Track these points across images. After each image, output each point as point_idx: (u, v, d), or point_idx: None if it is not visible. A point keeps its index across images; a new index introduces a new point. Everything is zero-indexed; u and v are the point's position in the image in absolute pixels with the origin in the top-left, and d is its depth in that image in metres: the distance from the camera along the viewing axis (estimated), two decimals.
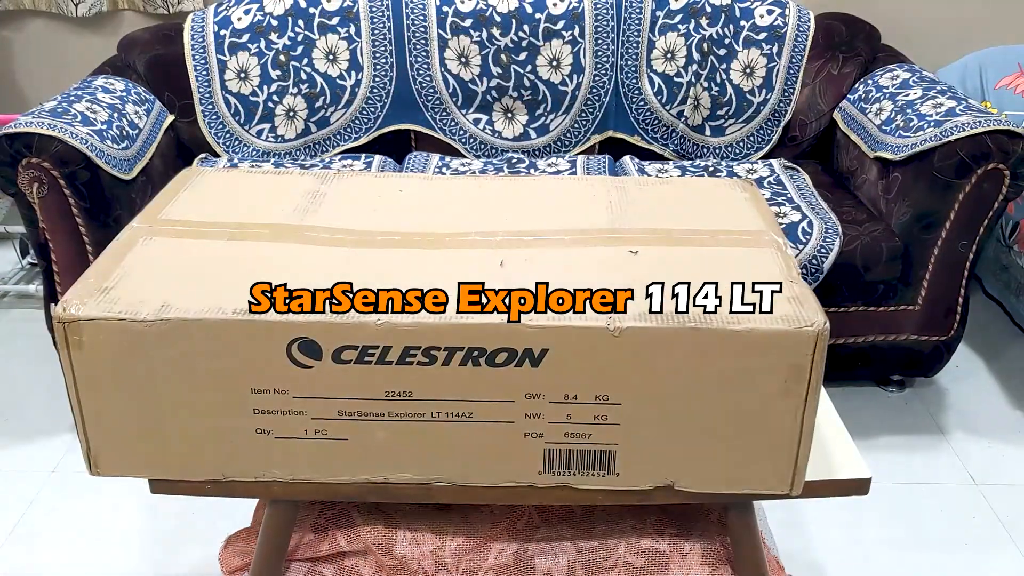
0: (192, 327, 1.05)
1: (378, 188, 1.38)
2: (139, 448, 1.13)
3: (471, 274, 1.14)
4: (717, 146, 2.43)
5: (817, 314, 1.05)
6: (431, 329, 1.04)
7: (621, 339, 1.04)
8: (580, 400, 1.08)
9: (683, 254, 1.21)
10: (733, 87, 2.38)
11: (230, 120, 2.34)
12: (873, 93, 2.26)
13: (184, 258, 1.17)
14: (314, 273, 1.13)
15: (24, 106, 2.65)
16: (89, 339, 1.05)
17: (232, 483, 1.16)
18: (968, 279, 2.05)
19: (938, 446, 2.07)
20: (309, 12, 2.31)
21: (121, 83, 2.19)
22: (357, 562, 1.34)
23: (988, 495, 1.92)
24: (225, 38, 2.31)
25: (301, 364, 1.06)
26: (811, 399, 1.07)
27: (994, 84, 2.44)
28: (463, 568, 1.32)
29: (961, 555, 1.77)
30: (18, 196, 1.88)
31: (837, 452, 1.25)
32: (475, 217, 1.29)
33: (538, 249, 1.21)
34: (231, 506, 1.69)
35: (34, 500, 1.87)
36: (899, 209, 2.05)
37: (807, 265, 1.96)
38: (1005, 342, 2.46)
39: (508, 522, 1.35)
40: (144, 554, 1.75)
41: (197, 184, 1.39)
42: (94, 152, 1.88)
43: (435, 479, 1.15)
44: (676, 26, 2.35)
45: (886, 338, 2.10)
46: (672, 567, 1.32)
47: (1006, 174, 1.92)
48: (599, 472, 1.13)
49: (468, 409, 1.09)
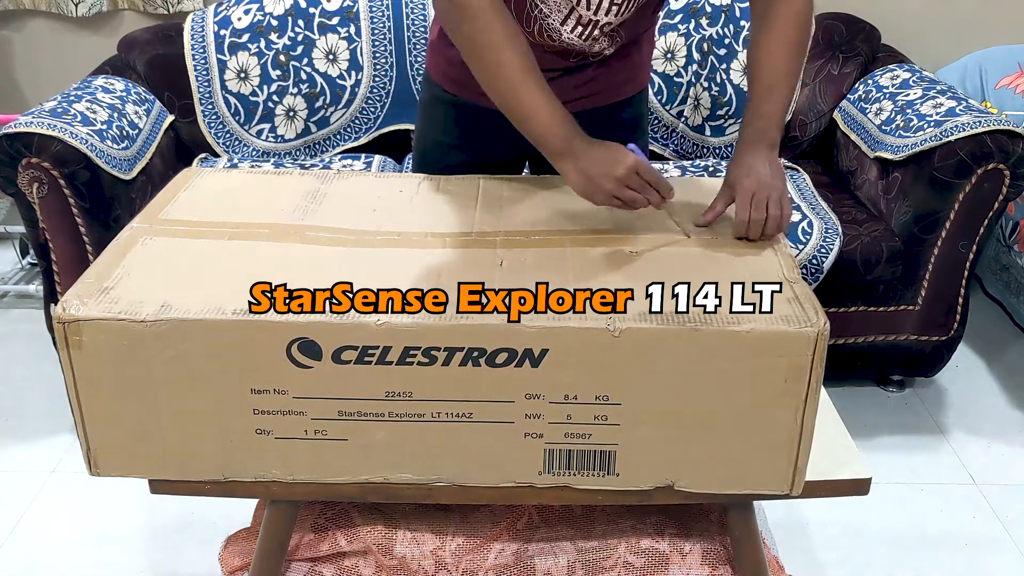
0: (192, 327, 1.05)
1: (378, 188, 1.38)
2: (139, 448, 1.13)
3: (471, 274, 1.14)
4: (717, 146, 2.43)
5: (817, 314, 1.05)
6: (431, 329, 1.04)
7: (621, 339, 1.04)
8: (580, 400, 1.08)
9: (683, 254, 1.21)
10: (733, 87, 2.38)
11: (230, 120, 2.34)
12: (873, 93, 2.26)
13: (184, 258, 1.17)
14: (314, 273, 1.13)
15: (24, 106, 2.65)
16: (89, 339, 1.05)
17: (232, 483, 1.16)
18: (968, 279, 2.05)
19: (938, 446, 2.07)
20: (309, 12, 2.31)
21: (121, 83, 2.19)
22: (357, 562, 1.34)
23: (988, 495, 1.92)
24: (225, 38, 2.31)
25: (301, 364, 1.06)
26: (811, 399, 1.07)
27: (994, 84, 2.44)
28: (463, 568, 1.32)
29: (961, 555, 1.77)
30: (18, 196, 1.87)
31: (837, 452, 1.25)
32: (475, 217, 1.29)
33: (538, 249, 1.21)
34: (231, 506, 1.69)
35: (34, 500, 1.87)
36: (899, 209, 2.05)
37: (807, 265, 1.96)
38: (1005, 342, 2.46)
39: (508, 522, 1.35)
40: (144, 554, 1.75)
41: (197, 184, 1.39)
42: (94, 152, 1.88)
43: (435, 479, 1.15)
44: (676, 26, 2.35)
45: (886, 338, 2.10)
46: (672, 567, 1.32)
47: (1006, 174, 1.92)
48: (599, 472, 1.13)
49: (468, 409, 1.09)
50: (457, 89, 1.46)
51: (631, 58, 1.44)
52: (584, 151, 1.20)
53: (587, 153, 1.20)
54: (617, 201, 1.20)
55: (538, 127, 1.21)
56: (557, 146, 1.21)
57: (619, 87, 1.47)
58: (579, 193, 1.22)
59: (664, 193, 1.21)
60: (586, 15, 1.29)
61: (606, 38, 1.35)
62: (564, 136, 1.21)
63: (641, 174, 1.18)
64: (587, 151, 1.20)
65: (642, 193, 1.19)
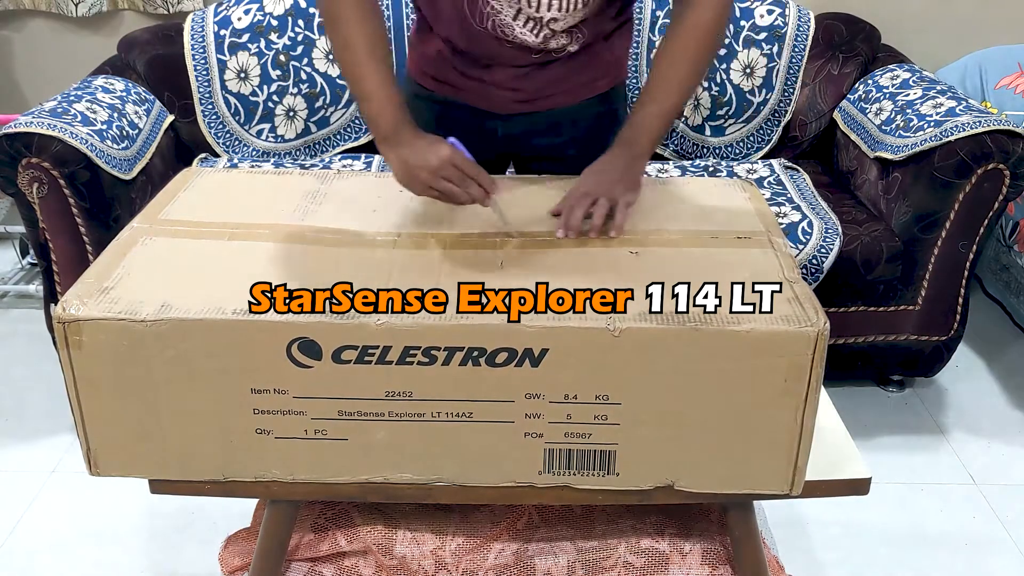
0: (192, 327, 1.05)
1: (378, 188, 1.38)
2: (139, 448, 1.13)
3: (471, 274, 1.14)
4: (717, 146, 2.43)
5: (817, 314, 1.05)
6: (431, 329, 1.04)
7: (621, 339, 1.04)
8: (580, 400, 1.08)
9: (683, 254, 1.21)
10: (733, 87, 2.38)
11: (230, 120, 2.34)
12: (873, 93, 2.26)
13: (184, 258, 1.17)
14: (314, 273, 1.13)
15: (24, 106, 2.65)
16: (89, 339, 1.05)
17: (232, 483, 1.16)
18: (968, 279, 2.05)
19: (938, 446, 2.07)
20: (309, 12, 2.31)
21: (121, 83, 2.19)
22: (357, 562, 1.34)
23: (988, 495, 1.92)
24: (225, 38, 2.31)
25: (301, 364, 1.06)
26: (811, 399, 1.07)
27: (994, 84, 2.44)
28: (463, 568, 1.32)
29: (961, 555, 1.77)
30: (18, 196, 1.87)
31: (837, 452, 1.25)
32: (475, 217, 1.29)
33: (538, 249, 1.21)
34: (231, 506, 1.69)
35: (34, 500, 1.87)
36: (899, 209, 2.05)
37: (807, 265, 1.96)
38: (1005, 342, 2.46)
39: (508, 522, 1.35)
40: (144, 554, 1.75)
41: (197, 184, 1.39)
42: (94, 152, 1.88)
43: (435, 479, 1.15)
44: None
45: (886, 338, 2.10)
46: (672, 567, 1.32)
47: (1006, 174, 1.92)
48: (599, 472, 1.13)
49: (468, 409, 1.09)
50: (435, 86, 1.47)
51: (602, 56, 1.43)
52: (407, 141, 1.21)
53: (410, 143, 1.21)
54: (435, 192, 1.20)
55: (371, 109, 1.23)
56: (384, 131, 1.22)
57: (591, 83, 1.46)
58: (400, 182, 1.23)
59: (487, 187, 1.21)
60: (528, 11, 1.29)
61: (564, 35, 1.35)
62: (392, 122, 1.22)
63: (459, 167, 1.19)
64: (410, 141, 1.21)
65: (460, 187, 1.19)
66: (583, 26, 1.34)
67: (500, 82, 1.41)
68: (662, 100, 1.27)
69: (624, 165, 1.26)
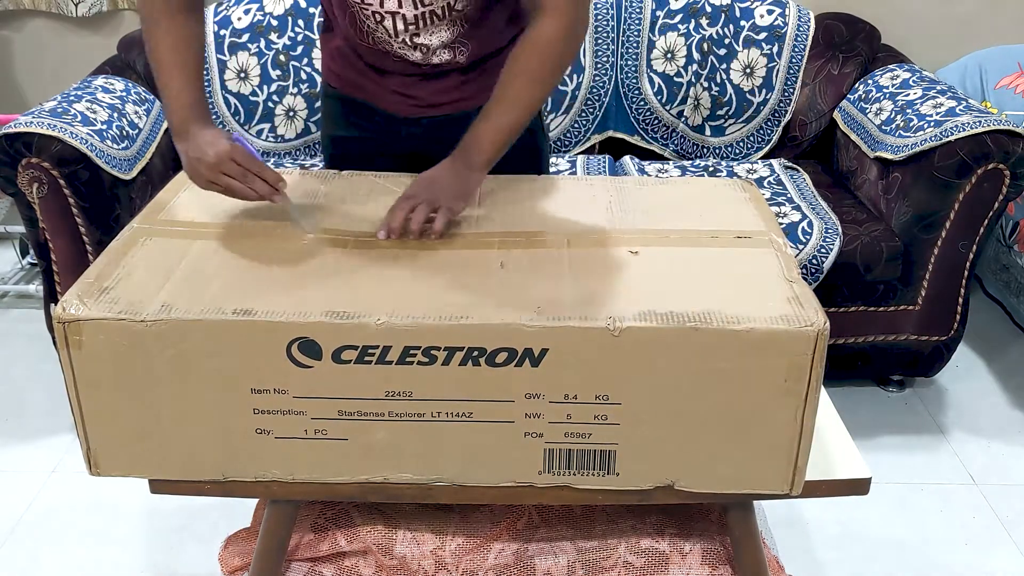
0: (192, 327, 1.05)
1: (378, 188, 1.38)
2: (139, 448, 1.13)
3: (471, 275, 1.14)
4: (717, 146, 2.43)
5: (817, 314, 1.05)
6: (431, 329, 1.04)
7: (621, 339, 1.04)
8: (580, 400, 1.08)
9: (683, 254, 1.21)
10: (733, 87, 2.38)
11: (230, 120, 2.34)
12: (873, 93, 2.26)
13: (184, 258, 1.17)
14: (315, 274, 1.13)
15: (24, 106, 2.65)
16: (89, 339, 1.05)
17: (232, 483, 1.16)
18: (968, 279, 2.05)
19: (938, 446, 2.07)
20: (309, 12, 2.31)
21: (121, 83, 2.19)
22: (357, 562, 1.34)
23: (988, 495, 1.92)
24: (225, 38, 2.31)
25: (301, 364, 1.06)
26: (811, 399, 1.07)
27: (994, 84, 2.44)
28: (463, 568, 1.32)
29: (961, 555, 1.77)
30: (18, 196, 1.87)
31: (837, 452, 1.25)
32: (474, 218, 1.29)
33: (537, 250, 1.21)
34: (231, 506, 1.69)
35: (34, 500, 1.87)
36: (899, 209, 2.05)
37: (807, 265, 1.96)
38: (1005, 342, 2.46)
39: (508, 522, 1.35)
40: (144, 554, 1.75)
41: None
42: (94, 152, 1.88)
43: (435, 479, 1.15)
44: (676, 26, 2.35)
45: (886, 338, 2.10)
46: (672, 567, 1.32)
47: (1006, 174, 1.92)
48: (599, 472, 1.13)
49: (468, 409, 1.09)
50: (340, 84, 1.49)
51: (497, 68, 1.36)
52: (193, 136, 1.22)
53: (194, 138, 1.22)
54: (217, 187, 1.21)
55: (167, 104, 1.25)
56: (174, 126, 1.24)
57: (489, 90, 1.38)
58: (187, 176, 1.25)
59: (272, 183, 1.21)
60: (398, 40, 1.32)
61: (446, 51, 1.36)
62: (181, 118, 1.23)
63: (239, 162, 1.20)
64: (195, 136, 1.22)
65: (243, 182, 1.20)
66: (467, 41, 1.36)
67: (395, 88, 1.43)
68: (498, 116, 1.27)
69: (454, 174, 1.28)
